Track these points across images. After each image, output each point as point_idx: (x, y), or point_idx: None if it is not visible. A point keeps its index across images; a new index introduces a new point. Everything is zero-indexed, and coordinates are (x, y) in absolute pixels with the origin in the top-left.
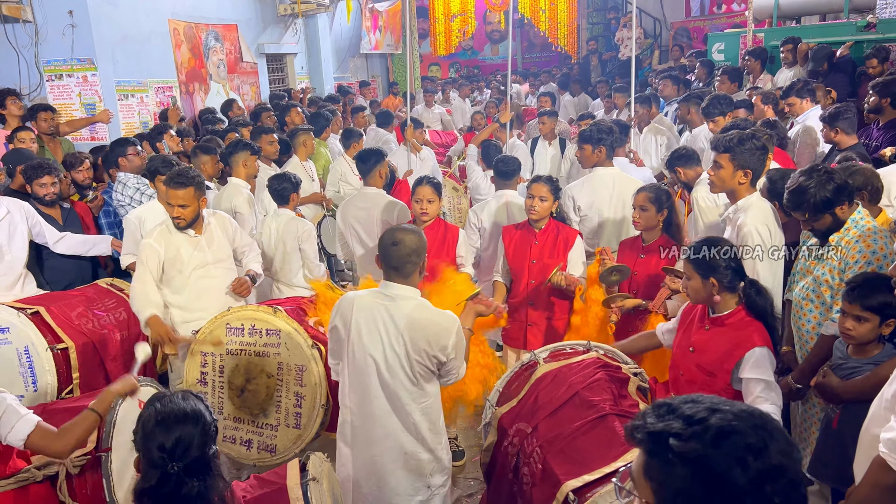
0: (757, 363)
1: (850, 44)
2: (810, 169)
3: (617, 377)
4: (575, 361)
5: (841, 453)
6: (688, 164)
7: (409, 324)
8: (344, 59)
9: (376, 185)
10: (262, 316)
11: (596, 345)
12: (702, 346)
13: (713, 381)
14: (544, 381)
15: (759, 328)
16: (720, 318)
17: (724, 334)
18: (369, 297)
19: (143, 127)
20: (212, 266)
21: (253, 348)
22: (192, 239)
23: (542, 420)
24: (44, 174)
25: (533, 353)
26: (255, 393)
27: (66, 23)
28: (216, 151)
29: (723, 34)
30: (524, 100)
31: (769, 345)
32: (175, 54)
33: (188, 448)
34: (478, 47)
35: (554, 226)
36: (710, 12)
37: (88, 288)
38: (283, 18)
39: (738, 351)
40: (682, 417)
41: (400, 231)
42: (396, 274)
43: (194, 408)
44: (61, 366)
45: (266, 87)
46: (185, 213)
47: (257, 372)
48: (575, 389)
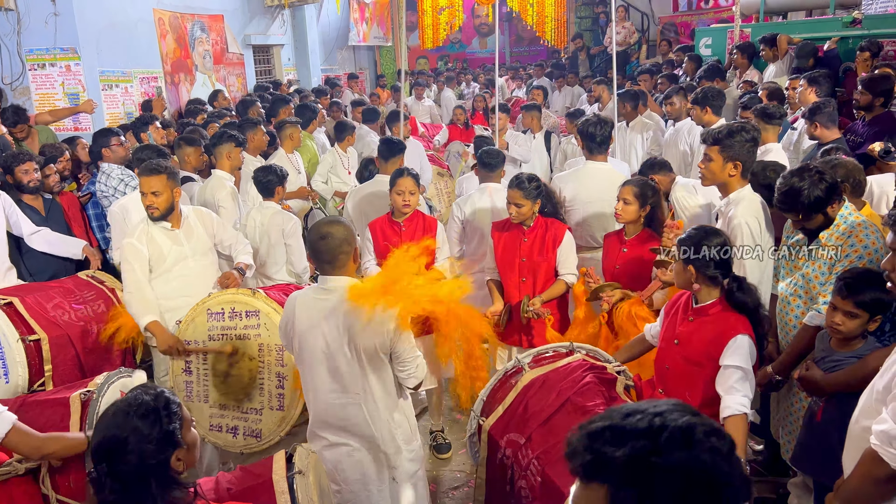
0: (736, 351)
1: (836, 39)
2: (801, 169)
3: (605, 378)
4: (561, 365)
5: (825, 445)
6: (661, 171)
7: (347, 313)
8: (331, 50)
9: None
10: (241, 298)
11: (578, 345)
12: (687, 338)
13: (701, 372)
14: (532, 388)
15: (743, 319)
16: (703, 308)
17: (708, 324)
18: (309, 293)
19: (127, 118)
20: (191, 259)
21: (234, 332)
22: (169, 233)
23: (534, 430)
24: (25, 160)
25: (517, 358)
26: (239, 377)
27: (49, 11)
28: (200, 143)
29: (710, 29)
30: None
31: (751, 334)
32: (160, 44)
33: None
34: (466, 41)
35: (542, 223)
36: (698, 7)
37: (68, 280)
38: (269, 9)
39: (723, 339)
40: (641, 435)
41: (326, 224)
42: (330, 267)
43: (142, 409)
44: (33, 358)
45: (252, 78)
46: (157, 202)
47: (239, 356)
48: (566, 395)
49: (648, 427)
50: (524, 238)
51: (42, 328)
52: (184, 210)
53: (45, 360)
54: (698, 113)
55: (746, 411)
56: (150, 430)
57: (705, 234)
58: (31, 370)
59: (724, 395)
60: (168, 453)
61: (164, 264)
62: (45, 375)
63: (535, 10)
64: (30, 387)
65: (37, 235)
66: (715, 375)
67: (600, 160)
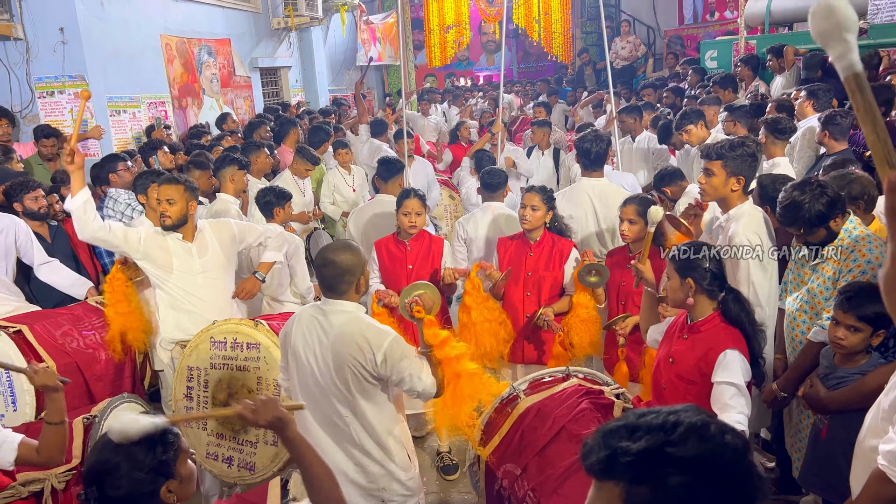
0: (727, 366)
1: None
2: (802, 183)
3: (601, 403)
4: (557, 391)
5: (831, 464)
6: (672, 181)
7: (337, 336)
8: (339, 71)
9: (393, 194)
10: (244, 329)
11: (575, 369)
12: (680, 356)
13: (693, 389)
14: (528, 417)
15: (734, 333)
16: (696, 325)
17: (699, 341)
18: (308, 311)
19: (135, 142)
20: (200, 276)
21: (234, 363)
22: (181, 244)
23: (530, 460)
24: (34, 187)
25: (512, 385)
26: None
27: (58, 39)
28: (209, 167)
29: (715, 41)
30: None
31: (743, 349)
32: (167, 69)
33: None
34: (473, 58)
35: (549, 238)
36: (703, 20)
37: (77, 306)
38: (276, 32)
39: (712, 354)
40: (656, 429)
41: (331, 251)
42: (331, 293)
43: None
44: None
45: (260, 100)
46: (171, 211)
47: (238, 387)
48: (561, 423)
49: (663, 423)
50: (530, 252)
51: (50, 356)
52: (202, 225)
53: None
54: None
55: (743, 429)
56: (143, 458)
57: (699, 247)
58: (38, 398)
59: (720, 412)
60: (159, 483)
61: (170, 273)
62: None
63: (541, 26)
64: (37, 414)
65: (46, 267)
66: (709, 392)
67: (596, 176)
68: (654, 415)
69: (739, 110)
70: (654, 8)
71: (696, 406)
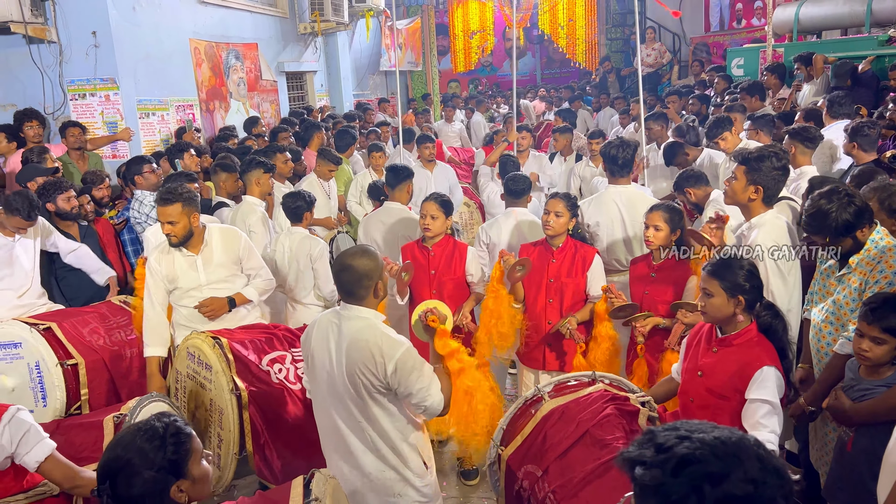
0: (763, 384)
1: (872, 58)
2: (830, 191)
3: (626, 410)
4: (582, 395)
5: (856, 477)
6: (696, 184)
7: (351, 342)
8: (363, 76)
9: (401, 201)
10: (204, 347)
11: (601, 375)
12: (710, 369)
13: (725, 404)
14: (552, 419)
15: (769, 348)
16: (727, 339)
17: (732, 354)
18: (327, 316)
19: (163, 144)
20: (206, 288)
21: (198, 378)
22: (188, 258)
23: (552, 462)
24: (67, 188)
25: (537, 387)
26: (199, 422)
27: (90, 43)
28: (235, 169)
29: (742, 49)
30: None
31: (778, 365)
32: (196, 73)
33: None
34: (497, 64)
35: (572, 244)
36: (730, 27)
37: (102, 305)
38: (303, 37)
39: (748, 370)
40: (654, 445)
41: (349, 256)
42: (350, 297)
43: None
44: (70, 381)
45: (286, 104)
46: (175, 230)
47: (199, 402)
48: (585, 427)
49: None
50: (553, 259)
51: (79, 352)
52: (210, 231)
53: (82, 384)
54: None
55: (774, 447)
56: (154, 456)
57: (741, 262)
58: (68, 394)
59: (750, 430)
60: (169, 482)
61: (177, 290)
62: (81, 399)
63: (565, 32)
64: (67, 410)
65: (73, 254)
66: (740, 408)
67: (623, 183)
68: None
69: (762, 119)
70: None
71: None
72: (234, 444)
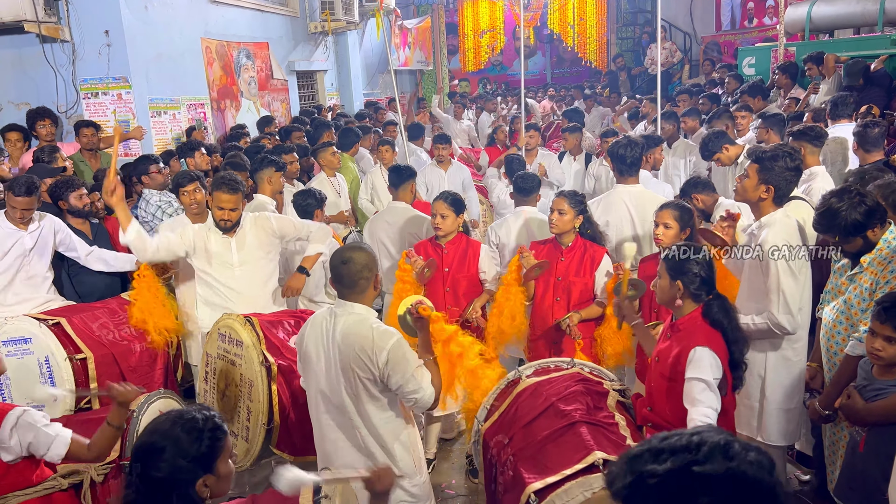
0: (696, 363)
1: (885, 57)
2: (841, 190)
3: (595, 391)
4: (555, 376)
5: (868, 477)
6: (704, 190)
7: (343, 337)
8: (373, 75)
9: (405, 200)
10: (236, 326)
11: (580, 362)
12: (663, 354)
13: (674, 387)
14: (524, 395)
15: (710, 333)
16: (676, 324)
17: (677, 339)
18: (321, 314)
19: (175, 143)
20: (237, 269)
21: (229, 356)
22: (222, 239)
23: (517, 431)
24: (78, 186)
25: (517, 369)
26: (229, 399)
27: (103, 42)
28: (245, 167)
29: (754, 48)
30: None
31: (715, 348)
32: (207, 72)
33: (154, 457)
34: (507, 63)
35: (581, 243)
36: (741, 26)
37: (112, 300)
38: (313, 36)
39: (685, 352)
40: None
41: (348, 250)
42: (350, 292)
43: (189, 425)
44: (80, 376)
45: (296, 103)
46: (232, 217)
47: (229, 379)
48: (550, 401)
49: (687, 444)
50: (561, 257)
51: (88, 347)
52: (243, 217)
53: (91, 379)
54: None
55: (711, 422)
56: (189, 447)
57: (692, 251)
58: (77, 388)
59: (689, 407)
60: (197, 475)
61: (210, 266)
62: (90, 393)
63: (575, 31)
64: (76, 405)
65: (92, 256)
66: None
67: (631, 182)
68: (678, 437)
69: (773, 118)
70: (690, 14)
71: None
72: (263, 413)
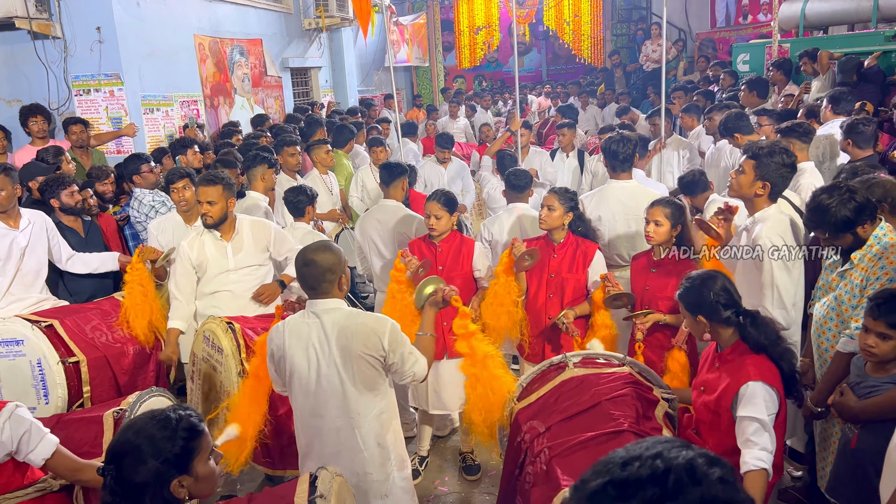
0: (749, 400)
1: (878, 54)
2: (831, 187)
3: (646, 397)
4: (605, 372)
5: (860, 475)
6: (695, 191)
7: (341, 332)
8: (368, 72)
9: (396, 198)
10: (217, 330)
11: (631, 361)
12: (710, 385)
13: (718, 420)
14: (569, 385)
15: (756, 361)
16: (722, 355)
17: (725, 371)
18: (299, 318)
19: (168, 140)
20: (233, 273)
21: (211, 361)
22: (218, 243)
23: (557, 422)
24: (70, 183)
25: (565, 354)
26: (210, 403)
27: (94, 39)
28: (237, 165)
29: (748, 45)
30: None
31: (768, 378)
32: (200, 69)
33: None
34: (503, 59)
35: (573, 240)
36: (736, 23)
37: (105, 301)
38: (307, 33)
39: (733, 386)
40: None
41: (311, 251)
42: (314, 293)
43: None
44: (72, 379)
45: (290, 100)
46: (212, 211)
47: (211, 384)
48: (598, 399)
49: (652, 473)
50: (553, 254)
51: (81, 350)
52: (240, 220)
53: (84, 382)
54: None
55: (765, 466)
56: (161, 446)
57: (703, 281)
58: (70, 392)
59: (742, 448)
60: (171, 475)
61: (206, 274)
62: (83, 396)
63: (571, 28)
64: (69, 408)
65: (72, 261)
66: (730, 425)
67: (624, 178)
68: (638, 463)
69: (772, 114)
70: (685, 11)
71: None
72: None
